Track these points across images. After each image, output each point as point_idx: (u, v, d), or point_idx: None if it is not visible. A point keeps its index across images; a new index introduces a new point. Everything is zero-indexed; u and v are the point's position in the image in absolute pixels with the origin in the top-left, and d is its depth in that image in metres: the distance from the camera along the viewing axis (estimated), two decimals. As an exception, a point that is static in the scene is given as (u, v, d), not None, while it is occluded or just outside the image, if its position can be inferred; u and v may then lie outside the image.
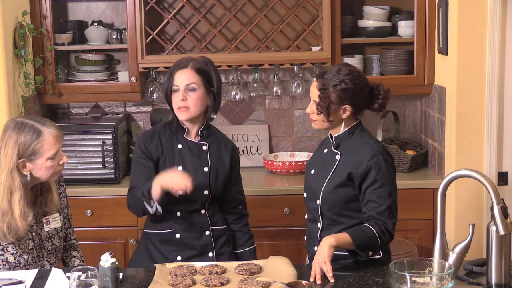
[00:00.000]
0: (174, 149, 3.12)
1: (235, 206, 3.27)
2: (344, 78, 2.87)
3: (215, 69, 3.13)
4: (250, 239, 3.28)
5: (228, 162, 3.20)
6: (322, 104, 2.88)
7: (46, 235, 3.00)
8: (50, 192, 2.99)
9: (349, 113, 2.91)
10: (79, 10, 4.66)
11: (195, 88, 3.05)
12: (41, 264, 2.98)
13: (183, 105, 3.05)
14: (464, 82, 3.90)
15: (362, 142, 2.93)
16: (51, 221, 3.02)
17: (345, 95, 2.87)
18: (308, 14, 4.56)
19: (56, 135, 2.90)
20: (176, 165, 3.10)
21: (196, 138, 3.16)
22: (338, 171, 2.93)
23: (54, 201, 2.99)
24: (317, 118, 2.93)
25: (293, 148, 4.78)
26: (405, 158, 4.39)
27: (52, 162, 2.89)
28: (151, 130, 3.20)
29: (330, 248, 2.71)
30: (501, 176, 3.91)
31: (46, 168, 2.89)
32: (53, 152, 2.88)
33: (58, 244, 3.04)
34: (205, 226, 3.15)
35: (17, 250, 2.92)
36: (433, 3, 4.28)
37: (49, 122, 2.93)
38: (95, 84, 4.47)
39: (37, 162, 2.87)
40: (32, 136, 2.85)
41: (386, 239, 2.83)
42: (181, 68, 3.06)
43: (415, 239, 4.22)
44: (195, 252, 3.13)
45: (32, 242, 2.96)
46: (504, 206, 2.50)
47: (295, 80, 4.57)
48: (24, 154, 2.85)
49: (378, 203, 2.83)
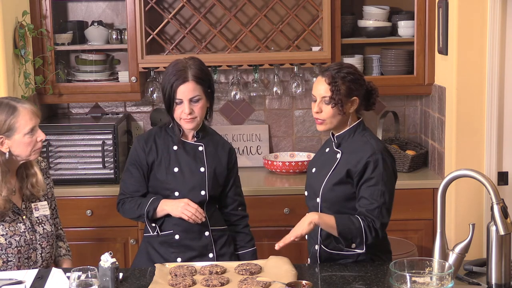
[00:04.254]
0: (170, 150, 3.14)
1: (234, 207, 3.28)
2: (350, 70, 2.93)
3: (207, 69, 3.15)
4: (251, 241, 3.29)
5: (225, 163, 3.21)
6: (335, 96, 2.90)
7: (37, 220, 3.07)
8: (35, 174, 3.07)
9: (357, 105, 2.95)
10: (79, 10, 4.66)
11: (199, 99, 3.06)
12: (34, 247, 3.03)
13: (190, 117, 3.06)
14: (464, 82, 3.90)
15: (363, 141, 2.94)
16: (39, 208, 3.10)
17: (354, 85, 2.91)
18: (308, 14, 4.56)
19: (31, 111, 2.98)
20: (172, 166, 3.12)
21: (193, 139, 3.17)
22: (338, 169, 2.94)
23: (39, 182, 3.07)
24: (326, 116, 2.93)
25: (293, 148, 4.78)
26: (405, 158, 4.39)
27: (30, 138, 2.96)
28: (147, 133, 3.23)
29: (310, 224, 2.78)
30: (501, 176, 3.92)
31: (25, 144, 2.96)
32: (29, 127, 2.96)
33: (49, 229, 3.10)
34: (204, 227, 3.16)
35: (7, 231, 2.97)
36: (433, 3, 4.28)
37: (25, 101, 3.04)
38: (95, 84, 4.48)
39: (15, 138, 2.94)
40: (8, 112, 2.94)
41: (372, 236, 2.83)
42: (183, 82, 3.03)
43: (415, 239, 4.22)
44: (195, 253, 3.13)
45: (23, 225, 3.02)
46: (504, 206, 2.50)
47: (295, 80, 4.57)
48: (1, 130, 2.93)
49: (370, 201, 2.84)
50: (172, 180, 3.11)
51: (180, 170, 3.11)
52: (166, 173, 3.12)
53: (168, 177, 3.11)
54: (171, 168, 3.12)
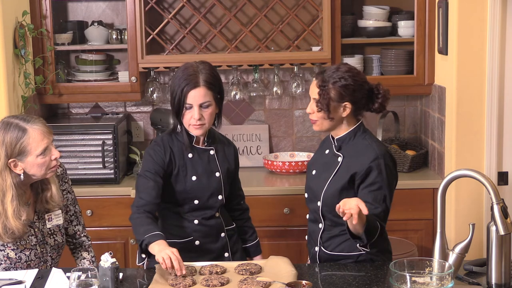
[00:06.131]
0: (186, 159, 3.10)
1: (238, 202, 3.33)
2: (344, 75, 2.87)
3: (218, 74, 3.11)
4: (254, 233, 3.34)
5: (233, 163, 3.23)
6: (322, 101, 2.87)
7: (48, 232, 3.01)
8: (50, 190, 2.97)
9: (349, 110, 2.90)
10: (79, 10, 4.66)
11: (209, 105, 3.03)
12: (44, 260, 2.98)
13: (199, 123, 3.03)
14: (464, 82, 3.90)
15: (365, 145, 2.92)
16: (53, 218, 3.02)
17: (345, 91, 2.87)
18: (308, 14, 4.56)
19: (42, 131, 2.87)
20: (190, 175, 3.08)
21: (203, 144, 3.16)
22: (340, 174, 2.92)
23: (54, 198, 2.98)
24: (317, 118, 2.93)
25: (293, 148, 4.78)
26: (405, 158, 4.39)
27: (43, 159, 2.87)
28: (160, 143, 3.10)
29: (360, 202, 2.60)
30: (501, 176, 3.91)
31: (38, 165, 2.87)
32: (42, 149, 2.86)
33: (60, 240, 3.04)
34: (221, 229, 3.17)
35: (18, 246, 2.92)
36: (433, 3, 4.28)
37: (35, 119, 2.91)
38: (95, 84, 4.47)
39: (27, 160, 2.86)
40: (18, 135, 2.83)
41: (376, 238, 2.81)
42: (194, 87, 3.00)
43: (415, 239, 4.22)
44: (214, 255, 3.14)
45: (35, 238, 2.96)
46: (504, 206, 2.50)
47: (295, 80, 4.57)
48: (12, 154, 2.83)
49: (374, 205, 2.82)
50: (191, 189, 3.08)
51: (198, 178, 3.09)
52: (185, 182, 3.08)
53: (187, 186, 3.08)
54: (189, 177, 3.09)
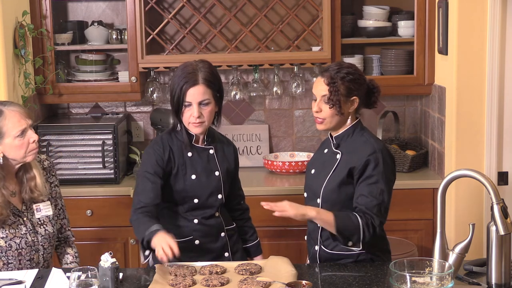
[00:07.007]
0: (185, 157, 3.10)
1: (238, 202, 3.33)
2: (349, 70, 2.93)
3: (217, 72, 3.12)
4: (254, 233, 3.34)
5: (233, 163, 3.23)
6: (333, 97, 2.90)
7: (38, 222, 3.03)
8: (34, 179, 3.00)
9: (357, 104, 2.95)
10: (79, 10, 4.66)
11: (208, 103, 3.03)
12: (36, 249, 3.00)
13: (198, 121, 3.03)
14: (464, 82, 3.90)
15: (363, 141, 2.95)
16: (42, 208, 3.04)
17: (354, 85, 2.91)
18: (308, 14, 4.56)
19: (19, 112, 2.91)
20: (189, 174, 3.09)
21: (203, 143, 3.16)
22: (338, 170, 2.94)
23: (38, 187, 3.00)
24: (325, 116, 2.94)
25: (293, 148, 4.78)
26: (405, 158, 4.39)
27: (21, 140, 2.90)
28: (160, 141, 3.12)
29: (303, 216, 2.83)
30: (501, 176, 3.92)
31: (17, 147, 2.90)
32: (19, 130, 2.89)
33: (51, 230, 3.06)
34: (221, 228, 3.17)
35: (7, 234, 2.94)
36: (433, 3, 4.28)
37: (13, 103, 2.96)
38: (95, 84, 4.47)
39: (6, 142, 2.89)
40: None
41: (369, 234, 2.83)
42: (193, 85, 3.00)
43: (415, 239, 4.22)
44: (214, 254, 3.14)
45: (24, 227, 2.98)
46: (504, 206, 2.50)
47: (295, 80, 4.56)
48: None
49: (369, 198, 2.84)
50: (190, 188, 3.09)
51: (197, 177, 3.10)
52: (184, 181, 3.08)
53: (186, 185, 3.08)
54: (188, 176, 3.09)
